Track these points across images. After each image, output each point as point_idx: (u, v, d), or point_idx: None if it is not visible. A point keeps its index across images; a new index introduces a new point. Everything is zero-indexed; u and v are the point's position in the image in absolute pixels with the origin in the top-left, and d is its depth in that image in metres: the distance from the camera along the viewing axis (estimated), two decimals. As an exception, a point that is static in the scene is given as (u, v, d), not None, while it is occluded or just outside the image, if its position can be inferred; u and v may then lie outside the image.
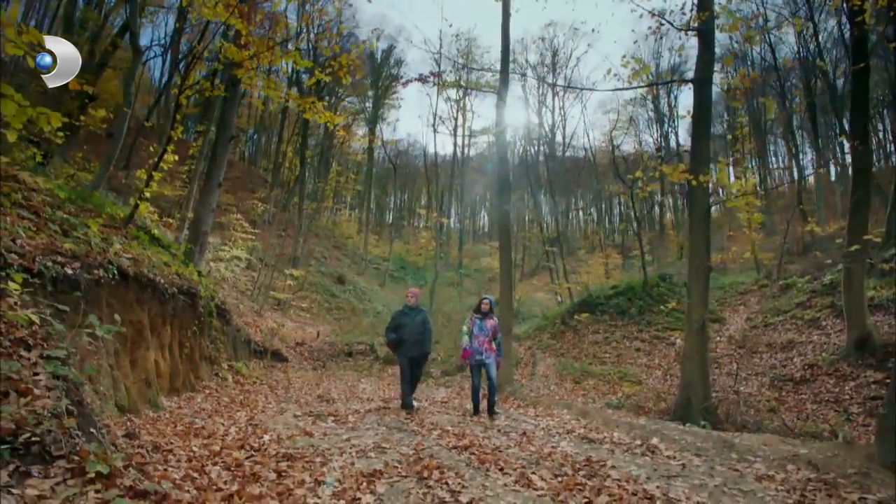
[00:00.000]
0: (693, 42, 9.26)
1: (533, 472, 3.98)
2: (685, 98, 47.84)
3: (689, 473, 4.21)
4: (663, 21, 9.14)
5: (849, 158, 16.66)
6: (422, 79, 10.28)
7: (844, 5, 10.41)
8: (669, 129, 38.37)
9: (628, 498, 3.51)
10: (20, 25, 2.80)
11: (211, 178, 11.80)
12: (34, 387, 2.66)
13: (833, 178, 31.39)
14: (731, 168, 38.23)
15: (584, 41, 50.73)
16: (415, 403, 6.95)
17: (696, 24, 8.77)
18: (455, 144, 39.75)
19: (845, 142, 17.60)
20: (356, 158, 43.95)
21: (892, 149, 32.27)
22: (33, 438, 2.28)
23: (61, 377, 2.85)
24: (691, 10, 9.15)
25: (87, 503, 2.20)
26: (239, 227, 19.30)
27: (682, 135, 37.39)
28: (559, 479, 3.88)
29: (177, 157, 8.76)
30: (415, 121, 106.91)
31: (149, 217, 10.46)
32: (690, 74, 11.07)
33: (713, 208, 25.85)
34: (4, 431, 2.27)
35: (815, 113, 25.52)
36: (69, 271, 4.19)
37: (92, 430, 2.80)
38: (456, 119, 39.01)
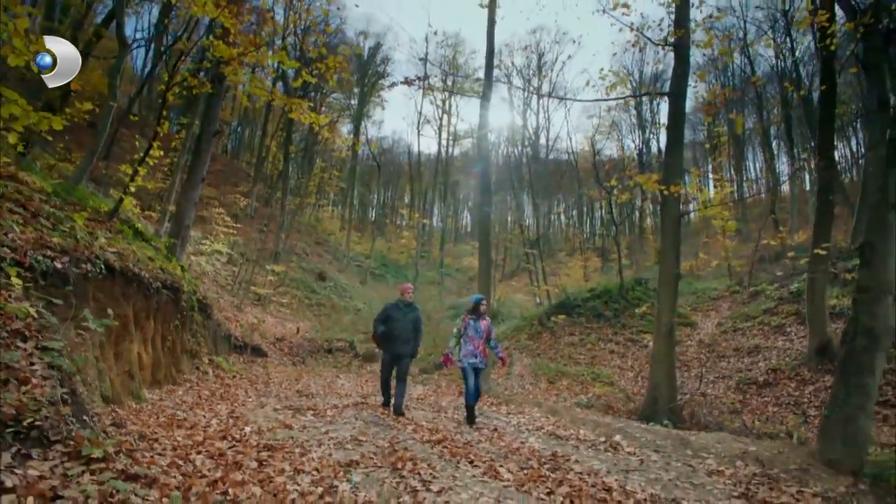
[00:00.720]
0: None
1: (501, 465, 4.23)
2: (667, 105, 48.64)
3: (646, 468, 4.51)
4: (641, 35, 9.48)
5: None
6: (408, 82, 10.49)
7: (814, 26, 10.84)
8: (651, 136, 39.07)
9: (587, 489, 3.78)
10: (29, 35, 2.93)
11: (194, 173, 11.86)
12: (31, 376, 2.82)
13: (808, 188, 32.28)
14: (709, 176, 39.10)
15: (569, 47, 51.59)
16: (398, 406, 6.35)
17: (672, 40, 9.13)
18: (439, 144, 40.11)
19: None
20: (340, 155, 43.88)
21: (863, 162, 33.30)
22: (36, 423, 2.46)
23: (56, 367, 3.01)
24: (668, 25, 9.50)
25: (83, 484, 2.39)
26: (220, 221, 19.27)
27: (664, 141, 37.94)
28: (525, 471, 4.14)
29: (162, 153, 8.82)
30: (399, 120, 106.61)
31: (130, 210, 10.48)
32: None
33: (692, 215, 26.53)
34: (6, 417, 2.44)
35: (791, 124, 26.32)
36: (58, 265, 4.31)
37: (85, 417, 2.97)
38: (440, 120, 39.33)
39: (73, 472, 2.45)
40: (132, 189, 7.34)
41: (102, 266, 4.97)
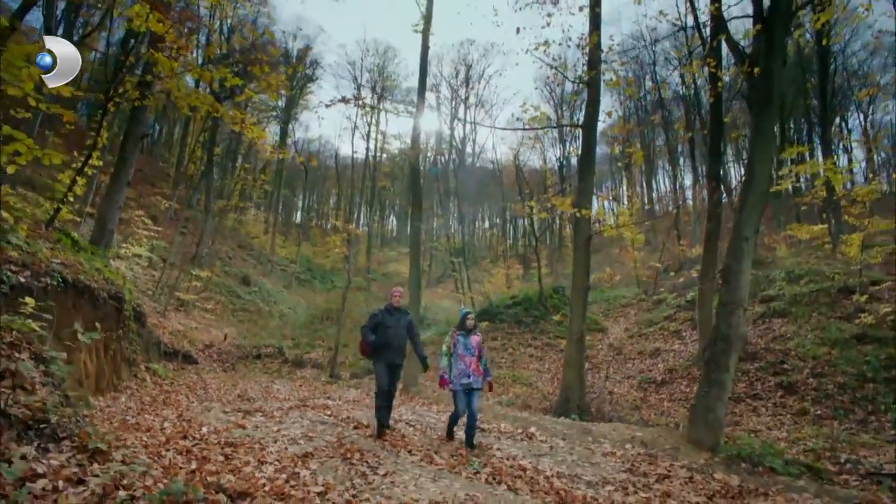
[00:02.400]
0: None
1: (435, 453, 4.98)
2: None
3: (554, 452, 5.42)
4: (559, 72, 10.64)
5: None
6: (345, 100, 11.05)
7: (706, 71, 12.51)
8: (571, 149, 41.34)
9: (506, 469, 4.61)
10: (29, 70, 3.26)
11: (119, 176, 11.67)
12: (34, 383, 3.22)
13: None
14: (623, 190, 42.12)
15: (497, 60, 53.51)
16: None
17: (585, 78, 10.35)
18: (367, 150, 40.38)
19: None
20: (265, 157, 42.91)
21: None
22: (57, 421, 2.90)
23: (50, 374, 3.41)
24: (583, 65, 10.73)
25: (96, 471, 2.87)
26: (140, 223, 18.67)
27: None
28: (454, 457, 4.91)
29: (101, 163, 8.84)
30: (327, 122, 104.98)
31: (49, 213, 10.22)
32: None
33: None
34: (25, 417, 2.88)
35: (694, 145, 29.19)
36: (22, 279, 4.58)
37: (78, 419, 3.39)
38: (369, 126, 39.68)
39: (85, 462, 2.92)
40: (71, 198, 7.40)
41: (60, 279, 5.21)
